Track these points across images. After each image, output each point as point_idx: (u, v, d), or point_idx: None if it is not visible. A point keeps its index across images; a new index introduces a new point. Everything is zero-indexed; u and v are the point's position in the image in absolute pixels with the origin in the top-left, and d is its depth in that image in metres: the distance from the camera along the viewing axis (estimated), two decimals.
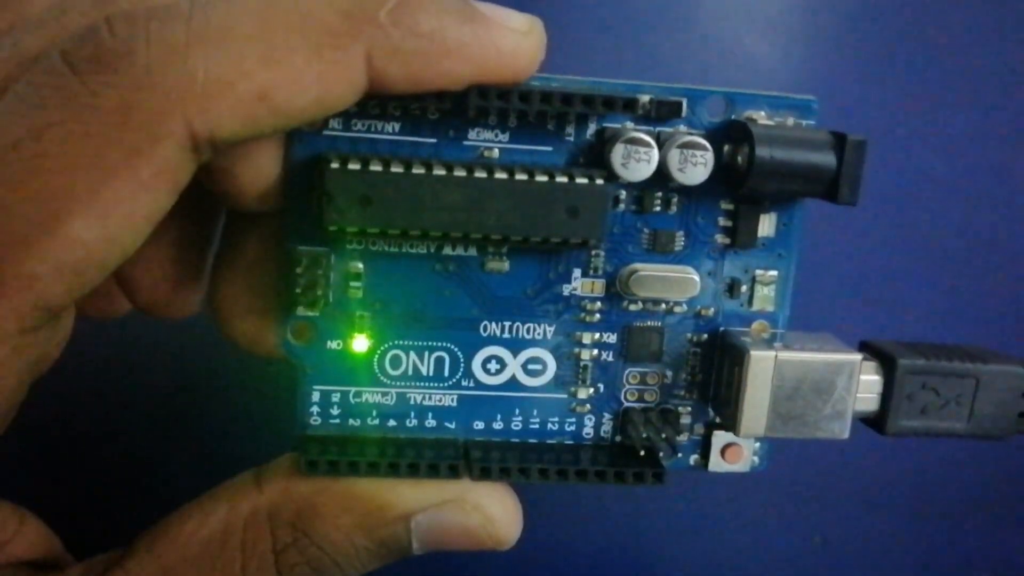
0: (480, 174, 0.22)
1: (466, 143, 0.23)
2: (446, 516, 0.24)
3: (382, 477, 0.23)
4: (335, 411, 0.25)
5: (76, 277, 0.19)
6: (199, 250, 0.25)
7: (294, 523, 0.23)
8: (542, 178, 0.23)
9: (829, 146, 0.23)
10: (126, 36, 0.18)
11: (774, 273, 0.25)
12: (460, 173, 0.22)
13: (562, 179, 0.23)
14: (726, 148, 0.24)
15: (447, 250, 0.24)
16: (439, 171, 0.22)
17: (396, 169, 0.22)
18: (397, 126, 0.23)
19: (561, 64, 0.23)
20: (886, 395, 0.25)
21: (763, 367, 0.24)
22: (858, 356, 0.24)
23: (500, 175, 0.22)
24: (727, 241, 0.25)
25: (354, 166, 0.22)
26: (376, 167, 0.22)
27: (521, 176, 0.22)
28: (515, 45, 0.21)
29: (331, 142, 0.23)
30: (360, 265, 0.24)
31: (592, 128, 0.24)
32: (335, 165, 0.22)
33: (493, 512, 0.24)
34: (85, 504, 0.29)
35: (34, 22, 0.20)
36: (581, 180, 0.23)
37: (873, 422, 0.25)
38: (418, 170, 0.22)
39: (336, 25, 0.20)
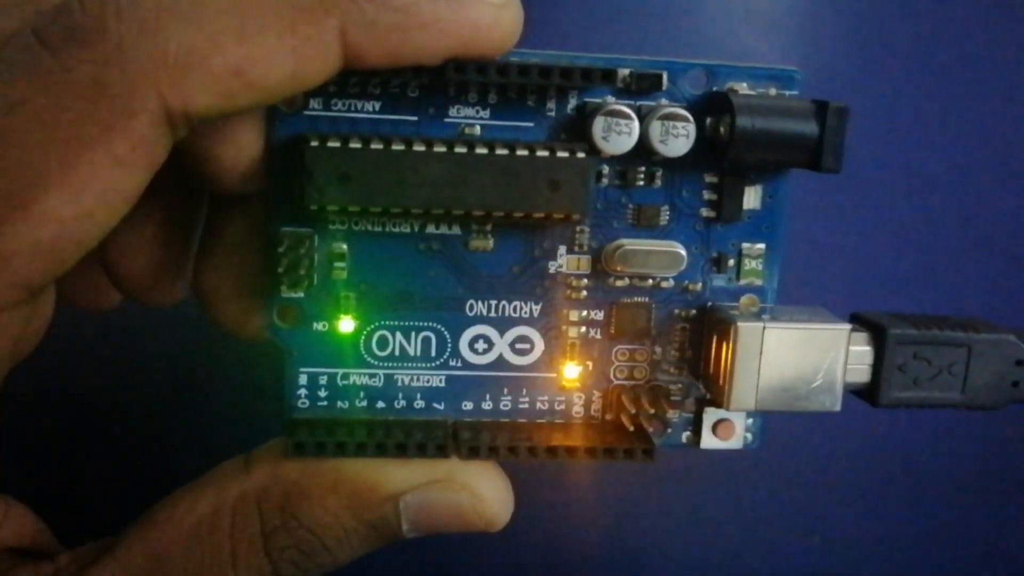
0: (460, 149, 0.22)
1: (447, 120, 0.23)
2: (435, 496, 0.23)
3: (370, 458, 0.23)
4: (322, 394, 0.25)
5: (52, 255, 0.19)
6: (183, 236, 0.25)
7: (283, 506, 0.23)
8: (523, 152, 0.22)
9: (811, 114, 0.23)
10: (97, 12, 0.18)
11: (761, 246, 0.25)
12: (440, 149, 0.22)
13: (543, 153, 0.23)
14: (708, 120, 0.24)
15: (431, 229, 0.24)
16: (419, 147, 0.22)
17: (376, 146, 0.22)
18: (377, 105, 0.23)
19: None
20: (877, 366, 0.25)
21: (751, 339, 0.24)
22: (847, 326, 0.24)
23: (481, 150, 0.22)
24: (712, 215, 0.25)
25: (333, 144, 0.22)
26: (355, 144, 0.22)
27: (502, 151, 0.22)
28: (491, 18, 0.21)
29: (311, 122, 0.23)
30: (344, 246, 0.24)
31: (572, 103, 0.24)
32: (314, 143, 0.22)
33: (482, 491, 0.24)
34: (75, 495, 0.29)
35: (9, 2, 0.20)
36: (562, 154, 0.23)
37: (865, 394, 0.25)
38: (398, 147, 0.22)
39: (310, 2, 0.20)
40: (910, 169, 0.39)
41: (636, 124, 0.23)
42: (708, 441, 0.26)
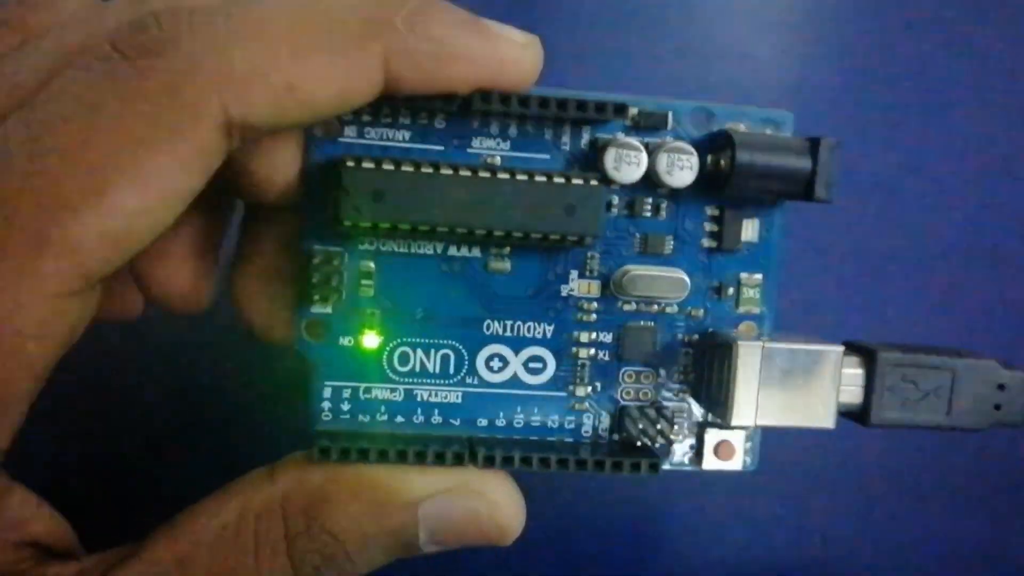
0: (484, 174, 0.24)
1: (470, 151, 0.25)
2: (452, 502, 0.24)
3: (391, 464, 0.24)
4: (345, 407, 0.26)
5: (116, 246, 0.20)
6: (212, 244, 0.27)
7: (306, 510, 0.24)
8: (541, 179, 0.24)
9: (805, 150, 0.25)
10: (172, 28, 0.20)
11: (759, 276, 0.27)
12: (465, 173, 0.24)
13: (559, 180, 0.25)
14: (710, 157, 0.26)
15: (452, 251, 0.26)
16: (446, 171, 0.24)
17: (407, 168, 0.24)
18: (407, 135, 0.25)
19: (559, 60, 0.25)
20: (868, 387, 0.26)
21: (751, 356, 0.25)
22: (840, 347, 0.26)
23: (502, 175, 0.24)
24: (713, 245, 0.27)
25: (368, 164, 0.24)
26: (388, 166, 0.24)
27: (522, 177, 0.24)
28: (516, 55, 0.24)
29: (346, 148, 0.25)
30: (371, 264, 0.25)
31: (586, 138, 0.26)
32: (351, 163, 0.24)
33: (497, 498, 0.25)
34: (97, 507, 0.29)
35: (75, 19, 0.22)
36: (577, 181, 0.25)
37: (857, 415, 0.26)
38: (427, 169, 0.24)
39: (358, 27, 0.22)
40: (916, 195, 0.40)
41: (644, 156, 0.25)
42: (710, 462, 0.27)
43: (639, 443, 0.26)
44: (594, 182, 0.25)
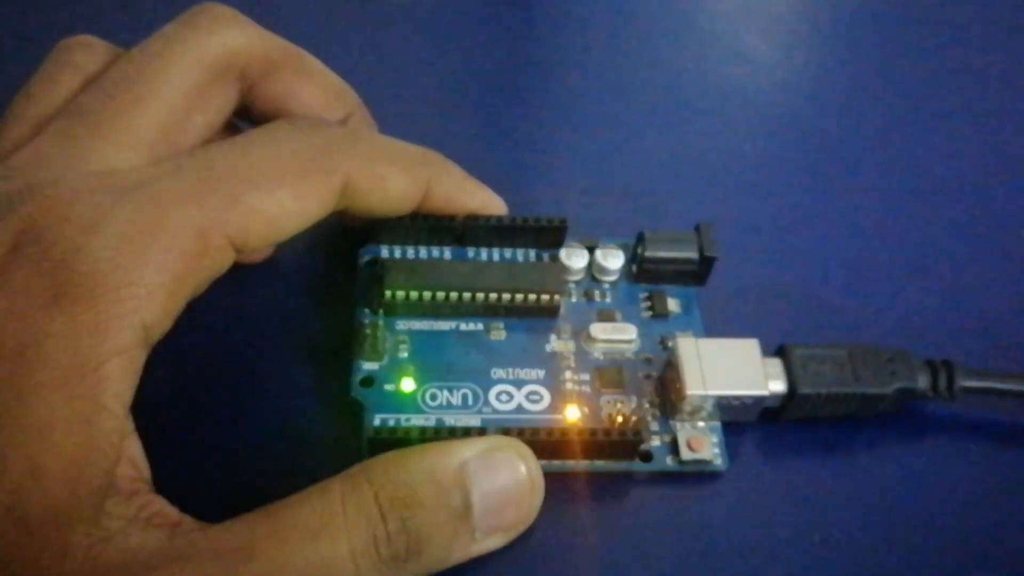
0: (481, 260, 0.36)
1: None
2: (493, 454, 0.30)
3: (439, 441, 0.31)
4: None
5: (266, 227, 0.31)
6: None
7: (385, 472, 0.29)
8: (521, 261, 0.36)
9: (693, 238, 0.37)
10: (334, 132, 0.34)
11: (690, 333, 0.37)
12: (468, 259, 0.36)
13: (534, 261, 0.36)
14: (634, 257, 0.38)
15: (463, 326, 0.36)
16: (455, 259, 0.36)
17: (427, 257, 0.36)
18: (424, 256, 0.37)
19: (563, 55, 0.35)
20: (789, 369, 0.34)
21: (689, 344, 0.34)
22: (754, 339, 0.34)
23: (493, 260, 0.36)
24: (650, 314, 0.37)
25: (400, 255, 0.36)
26: (414, 257, 0.36)
27: (507, 260, 0.36)
28: (496, 200, 0.37)
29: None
30: (406, 335, 0.35)
31: (546, 257, 0.38)
32: (388, 256, 0.35)
33: (525, 452, 0.31)
34: None
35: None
36: (547, 261, 0.36)
37: (789, 395, 0.34)
38: (442, 259, 0.36)
39: (418, 160, 0.35)
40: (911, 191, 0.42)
41: (586, 252, 0.37)
42: (686, 454, 0.33)
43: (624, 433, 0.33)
44: (556, 262, 0.37)
